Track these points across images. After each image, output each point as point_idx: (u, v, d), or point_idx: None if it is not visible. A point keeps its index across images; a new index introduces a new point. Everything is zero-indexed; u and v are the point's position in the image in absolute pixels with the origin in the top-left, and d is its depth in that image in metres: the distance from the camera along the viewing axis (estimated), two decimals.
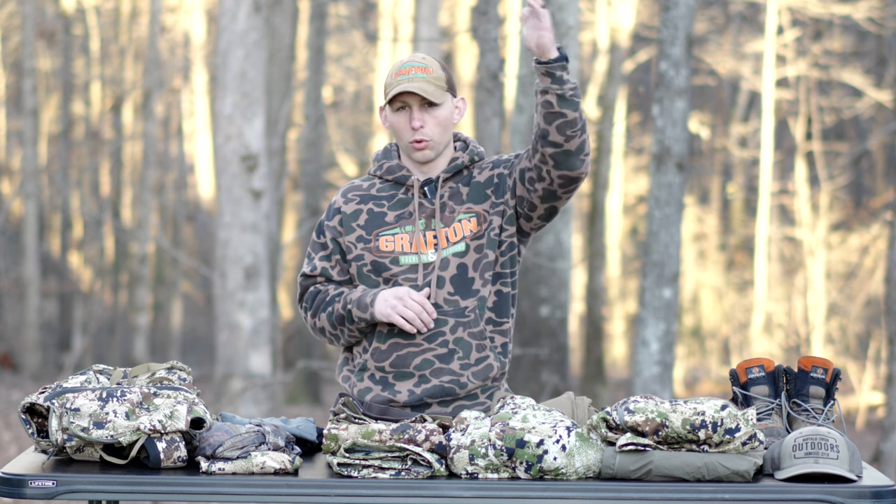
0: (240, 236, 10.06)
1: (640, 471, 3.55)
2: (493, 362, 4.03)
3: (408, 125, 4.03)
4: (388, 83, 4.04)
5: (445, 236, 4.03)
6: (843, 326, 19.45)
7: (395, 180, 4.08)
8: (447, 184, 4.08)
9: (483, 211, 4.05)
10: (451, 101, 4.07)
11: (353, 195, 4.12)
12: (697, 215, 23.39)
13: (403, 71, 4.01)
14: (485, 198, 4.05)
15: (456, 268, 4.02)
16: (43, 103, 21.78)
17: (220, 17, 10.18)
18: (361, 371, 4.06)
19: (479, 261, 4.03)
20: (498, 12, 8.59)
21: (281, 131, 13.73)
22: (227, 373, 10.07)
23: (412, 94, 4.01)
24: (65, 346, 22.07)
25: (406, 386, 4.00)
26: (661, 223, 8.54)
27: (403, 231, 4.03)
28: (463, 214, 4.04)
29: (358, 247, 4.06)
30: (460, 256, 4.02)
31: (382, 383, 4.02)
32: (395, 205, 4.07)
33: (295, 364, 15.47)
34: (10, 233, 21.60)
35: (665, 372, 8.55)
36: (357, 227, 4.07)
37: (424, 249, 4.02)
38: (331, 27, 21.19)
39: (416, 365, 4.00)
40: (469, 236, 4.03)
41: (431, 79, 4.02)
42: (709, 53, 21.63)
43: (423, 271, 4.01)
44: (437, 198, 4.04)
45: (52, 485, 3.52)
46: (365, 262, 4.05)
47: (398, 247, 4.03)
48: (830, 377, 3.89)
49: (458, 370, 4.00)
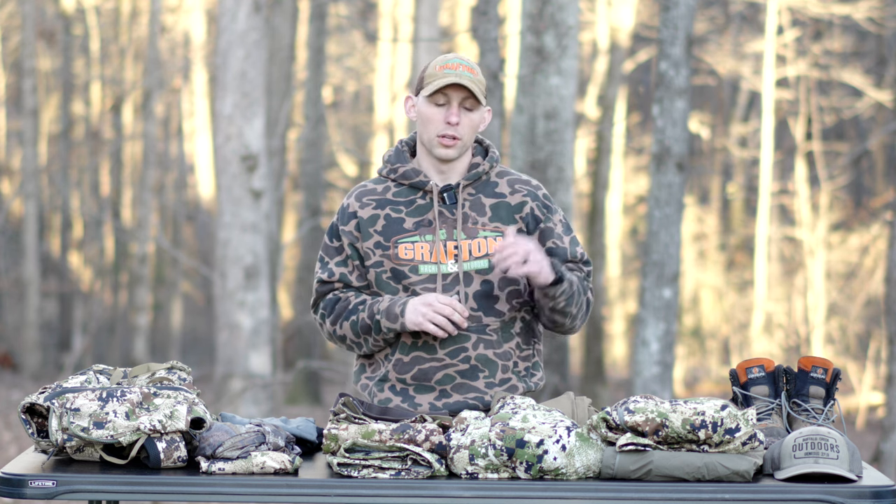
0: (240, 236, 10.06)
1: (640, 471, 3.55)
2: (517, 383, 4.02)
3: (442, 118, 3.97)
4: (431, 73, 3.97)
5: (469, 249, 3.98)
6: (843, 326, 19.45)
7: (411, 185, 4.02)
8: (466, 190, 4.02)
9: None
10: (482, 108, 4.03)
11: (368, 199, 4.04)
12: (697, 215, 23.39)
13: (451, 66, 3.96)
14: (512, 221, 4.01)
15: (480, 284, 3.98)
16: (43, 103, 21.78)
17: (220, 17, 10.18)
18: (382, 381, 4.03)
19: (506, 282, 3.99)
20: (498, 12, 8.59)
21: (281, 131, 13.73)
22: (227, 373, 10.07)
23: (457, 88, 3.95)
24: (65, 346, 22.07)
25: (427, 399, 3.98)
26: (661, 223, 8.54)
27: (423, 240, 3.98)
28: (489, 232, 3.99)
29: (377, 253, 4.00)
30: (483, 273, 3.98)
31: (403, 395, 4.00)
32: (413, 211, 4.00)
33: (295, 364, 15.48)
34: (10, 233, 21.60)
35: (665, 372, 8.55)
36: (375, 232, 4.00)
37: (444, 259, 3.97)
38: (331, 27, 21.20)
39: (438, 379, 3.98)
40: (493, 255, 3.97)
41: (476, 80, 3.98)
42: (709, 53, 21.63)
43: (443, 282, 3.97)
44: (458, 207, 4.00)
45: (52, 485, 3.52)
46: (385, 268, 4.00)
47: (418, 255, 3.97)
48: (830, 377, 3.89)
49: (483, 388, 3.98)
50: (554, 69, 8.63)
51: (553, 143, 8.69)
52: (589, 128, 20.35)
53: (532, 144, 8.70)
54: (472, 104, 3.98)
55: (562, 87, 8.67)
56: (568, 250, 4.06)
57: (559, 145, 8.70)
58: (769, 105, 19.83)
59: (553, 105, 8.66)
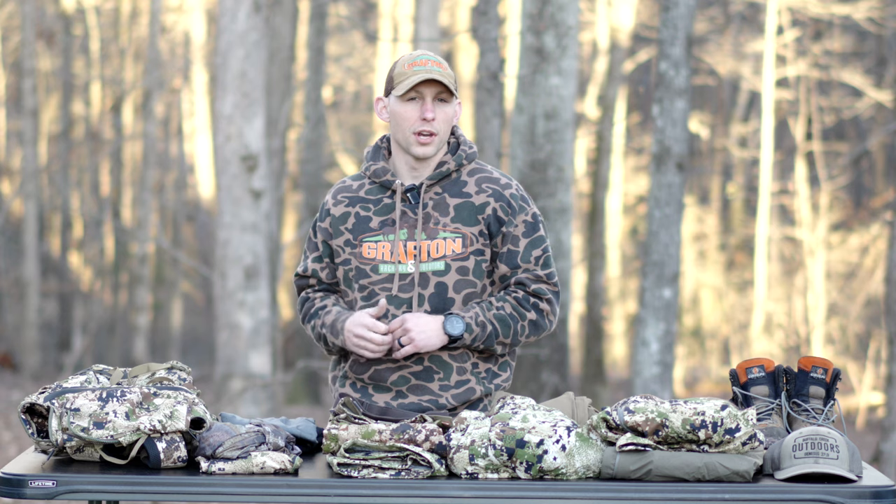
0: (240, 236, 10.06)
1: (640, 471, 3.55)
2: (475, 386, 4.00)
3: (417, 115, 3.97)
4: (401, 73, 3.97)
5: (427, 250, 3.98)
6: (843, 326, 19.45)
7: (381, 183, 4.04)
8: (431, 190, 4.02)
9: (471, 234, 3.99)
10: (454, 101, 4.03)
11: (342, 196, 4.08)
12: (697, 215, 23.38)
13: (420, 62, 3.96)
14: (475, 223, 3.99)
15: (434, 286, 3.97)
16: (43, 103, 21.77)
17: (220, 17, 10.18)
18: (344, 378, 4.07)
19: (462, 284, 3.98)
20: (498, 12, 8.60)
21: (281, 131, 13.73)
22: (227, 373, 10.07)
23: (430, 85, 3.96)
24: (65, 346, 22.07)
25: (383, 398, 3.99)
26: (661, 223, 8.54)
27: (386, 239, 4.00)
28: (449, 233, 3.98)
29: (346, 251, 4.04)
30: (439, 275, 3.98)
31: (362, 392, 4.03)
32: (379, 210, 4.02)
33: (295, 364, 15.48)
34: (10, 233, 21.60)
35: (665, 372, 8.55)
36: (345, 230, 4.04)
37: (404, 259, 3.98)
38: (331, 27, 21.19)
39: (393, 381, 3.99)
40: (451, 256, 3.97)
41: (447, 74, 3.98)
42: (709, 53, 21.63)
43: (400, 282, 3.97)
44: (419, 207, 4.00)
45: (52, 485, 3.52)
46: (351, 266, 4.04)
47: (379, 255, 4.00)
48: (830, 377, 3.89)
49: (437, 390, 3.98)
50: (554, 69, 8.63)
51: (553, 143, 8.69)
52: (589, 128, 20.35)
53: (532, 144, 8.70)
54: (445, 97, 3.98)
55: (562, 87, 8.67)
56: (520, 255, 4.00)
57: (559, 145, 8.70)
58: (769, 105, 19.82)
59: (553, 105, 8.66)
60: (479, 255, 3.99)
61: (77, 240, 23.54)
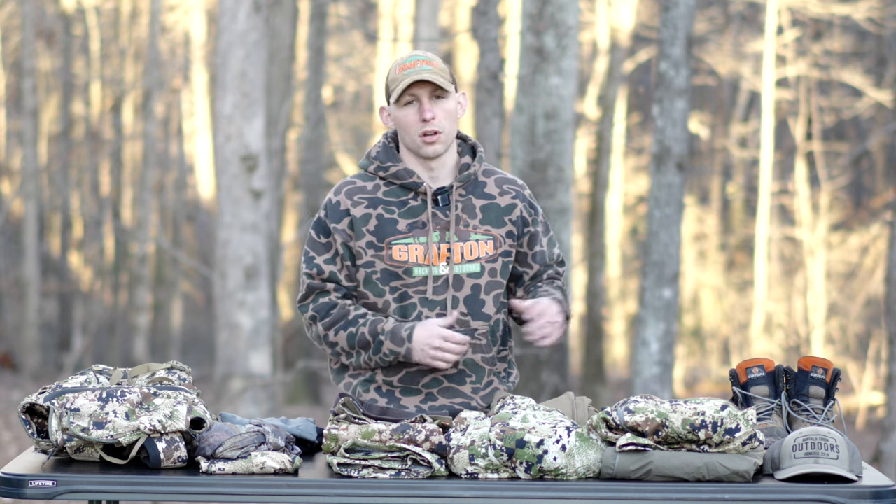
0: (240, 236, 10.06)
1: (640, 471, 3.55)
2: (498, 386, 4.04)
3: (417, 118, 3.96)
4: (393, 79, 3.96)
5: (461, 252, 3.99)
6: (843, 326, 19.45)
7: (403, 185, 4.00)
8: (458, 191, 4.02)
9: (500, 236, 4.02)
10: (455, 94, 4.02)
11: (360, 198, 4.01)
12: (697, 215, 23.39)
13: (409, 65, 3.95)
14: (502, 224, 4.03)
15: (470, 288, 3.99)
16: (43, 103, 21.77)
17: (220, 17, 10.18)
18: (368, 382, 4.01)
19: (492, 285, 4.01)
20: (498, 12, 8.60)
21: (281, 131, 13.73)
22: (227, 373, 10.07)
23: (422, 85, 3.94)
24: (65, 346, 22.07)
25: (413, 402, 3.98)
26: (661, 223, 8.54)
27: (417, 242, 3.97)
28: (480, 235, 4.01)
29: (368, 253, 3.98)
30: (475, 277, 3.99)
31: (389, 396, 3.99)
32: (405, 212, 3.98)
33: (295, 364, 15.47)
34: (10, 233, 21.60)
35: (665, 372, 8.55)
36: (367, 232, 3.98)
37: (436, 262, 3.97)
38: (331, 27, 21.19)
39: (426, 383, 3.98)
40: (485, 258, 4.00)
41: (438, 70, 3.96)
42: (709, 53, 21.63)
43: (434, 283, 3.97)
44: (451, 209, 3.99)
45: (52, 485, 3.52)
46: (375, 269, 3.98)
47: (412, 257, 3.96)
48: (830, 377, 3.89)
49: (469, 393, 3.99)
50: (554, 69, 8.63)
51: (553, 143, 8.69)
52: (589, 128, 20.35)
53: (532, 144, 8.70)
54: (441, 93, 3.97)
55: (562, 87, 8.66)
56: (546, 254, 4.11)
57: (559, 145, 8.70)
58: (769, 105, 19.83)
59: (553, 105, 8.66)
60: (507, 257, 4.04)
61: (77, 240, 23.55)
